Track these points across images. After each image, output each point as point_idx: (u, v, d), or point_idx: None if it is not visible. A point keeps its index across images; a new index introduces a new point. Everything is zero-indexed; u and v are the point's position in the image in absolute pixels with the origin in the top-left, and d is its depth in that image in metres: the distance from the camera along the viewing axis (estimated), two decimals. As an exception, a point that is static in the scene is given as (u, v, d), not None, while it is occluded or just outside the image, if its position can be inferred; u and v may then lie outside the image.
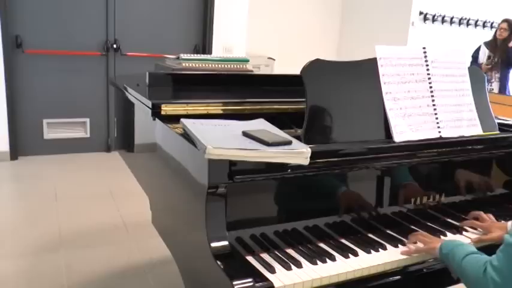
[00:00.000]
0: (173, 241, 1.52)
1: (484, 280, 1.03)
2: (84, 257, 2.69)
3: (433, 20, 5.80)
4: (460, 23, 6.02)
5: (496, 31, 5.17)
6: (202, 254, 1.15)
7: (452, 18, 5.94)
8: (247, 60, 2.06)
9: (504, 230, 1.38)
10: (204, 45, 4.96)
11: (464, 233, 1.45)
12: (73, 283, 2.41)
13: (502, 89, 5.01)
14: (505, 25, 4.99)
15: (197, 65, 2.02)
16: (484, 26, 5.94)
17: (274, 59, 5.12)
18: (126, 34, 4.65)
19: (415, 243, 1.32)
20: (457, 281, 1.35)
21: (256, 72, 2.52)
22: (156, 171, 1.67)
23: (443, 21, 5.87)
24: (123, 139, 2.26)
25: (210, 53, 4.82)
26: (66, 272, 2.50)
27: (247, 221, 1.23)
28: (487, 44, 5.22)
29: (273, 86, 1.98)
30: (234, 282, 1.03)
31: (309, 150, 1.12)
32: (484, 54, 5.19)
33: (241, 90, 1.95)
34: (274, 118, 1.49)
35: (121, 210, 3.39)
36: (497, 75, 5.04)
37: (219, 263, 1.10)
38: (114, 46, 4.61)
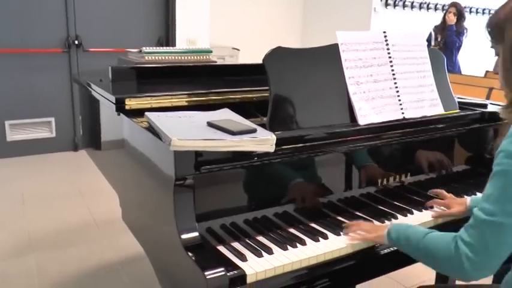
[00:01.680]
0: (144, 236, 1.50)
1: (456, 257, 1.02)
2: (55, 258, 2.64)
3: (395, 5, 5.90)
4: (420, 8, 6.16)
5: (444, 15, 5.37)
6: (173, 247, 1.15)
7: (412, 3, 6.07)
8: (211, 51, 2.05)
9: (463, 205, 1.42)
10: (167, 37, 4.90)
11: (428, 209, 1.48)
12: (45, 285, 2.37)
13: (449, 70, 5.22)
14: (453, 9, 5.19)
15: (160, 58, 2.00)
16: (443, 9, 6.08)
17: (238, 50, 5.11)
18: (88, 29, 4.54)
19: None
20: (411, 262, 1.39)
21: (221, 63, 2.52)
22: (124, 167, 1.65)
23: (404, 6, 5.98)
24: (90, 137, 2.22)
25: (174, 45, 4.76)
26: (37, 275, 2.46)
27: (217, 211, 1.23)
28: (436, 27, 5.43)
29: (237, 76, 1.97)
30: (206, 273, 1.03)
31: (274, 137, 1.12)
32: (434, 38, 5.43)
33: (206, 81, 1.93)
34: (240, 107, 1.49)
35: (91, 208, 3.33)
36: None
37: (190, 254, 1.09)
38: (76, 42, 4.50)
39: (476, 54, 5.93)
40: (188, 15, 4.82)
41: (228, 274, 1.05)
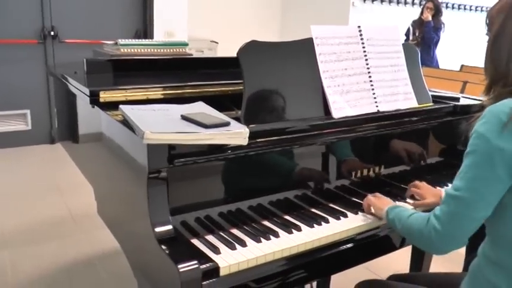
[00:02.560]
0: (119, 230, 1.50)
1: (426, 229, 1.09)
2: (30, 254, 2.61)
3: (373, 0, 5.95)
4: (398, 2, 6.24)
5: (422, 9, 5.45)
6: (147, 241, 1.14)
7: None
8: (187, 44, 2.03)
9: (437, 197, 1.45)
10: (145, 30, 4.85)
11: (408, 203, 1.51)
12: (19, 282, 2.33)
13: (424, 65, 5.32)
14: (430, 5, 5.29)
15: (136, 50, 1.98)
16: (420, 4, 6.16)
17: (217, 42, 5.09)
18: (64, 20, 4.46)
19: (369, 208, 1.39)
20: (390, 250, 1.42)
21: (199, 55, 2.51)
22: (100, 160, 1.64)
23: (382, 0, 6.05)
24: (66, 130, 2.19)
25: (152, 38, 4.72)
26: (11, 272, 2.42)
27: (191, 204, 1.23)
28: (414, 22, 5.51)
29: (213, 69, 1.97)
30: (179, 266, 1.03)
31: (247, 130, 1.13)
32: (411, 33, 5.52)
33: (182, 74, 1.92)
34: (216, 100, 1.49)
35: (68, 203, 3.29)
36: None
37: (163, 247, 1.09)
38: (52, 33, 4.42)
39: (453, 48, 6.03)
40: (166, 8, 4.77)
41: (201, 267, 1.05)
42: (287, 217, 1.33)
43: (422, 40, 5.34)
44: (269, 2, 6.38)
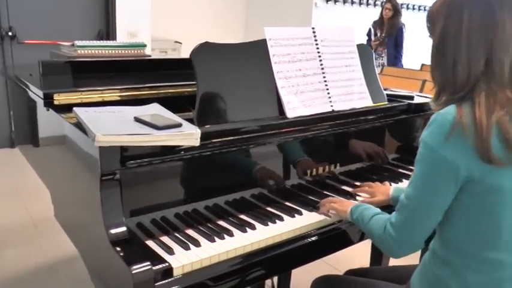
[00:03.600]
0: (75, 233, 1.48)
1: (384, 236, 1.12)
2: (-11, 260, 2.54)
3: (335, 1, 6.06)
4: (360, 3, 6.38)
5: (382, 10, 5.59)
6: (101, 243, 1.14)
7: None
8: (145, 45, 2.03)
9: (386, 195, 1.49)
10: (108, 30, 4.78)
11: (357, 198, 1.55)
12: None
13: (390, 64, 5.42)
14: (389, 5, 5.43)
15: (93, 52, 1.95)
16: (381, 5, 6.30)
17: (181, 43, 5.06)
18: (23, 20, 4.34)
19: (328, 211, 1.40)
20: (348, 244, 1.46)
21: (163, 56, 2.50)
22: (56, 163, 1.62)
23: (344, 1, 6.17)
24: (28, 133, 2.14)
25: (114, 38, 4.66)
26: (-32, 278, 2.36)
27: (147, 205, 1.23)
28: (375, 22, 5.64)
29: (171, 70, 1.97)
30: (132, 267, 1.03)
31: (199, 131, 1.14)
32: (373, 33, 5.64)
33: (139, 75, 1.92)
34: (174, 102, 1.50)
35: (29, 207, 3.22)
36: (386, 50, 5.46)
37: (118, 249, 1.09)
38: (10, 34, 4.30)
39: (415, 48, 6.18)
40: (129, 8, 4.71)
41: (153, 268, 1.05)
42: (242, 216, 1.35)
43: (389, 41, 5.43)
44: (233, 3, 6.39)
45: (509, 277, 1.03)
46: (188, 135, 1.13)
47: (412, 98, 1.95)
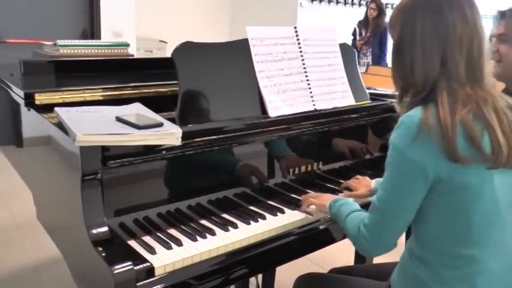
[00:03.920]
0: (58, 234, 1.47)
1: (358, 236, 1.14)
2: (-30, 263, 2.51)
3: (320, 1, 6.09)
4: (345, 3, 6.42)
5: (366, 10, 5.63)
6: (83, 243, 1.13)
7: None
8: (128, 45, 2.02)
9: (368, 187, 1.51)
10: (92, 29, 4.74)
11: (340, 194, 1.55)
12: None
13: (374, 63, 5.46)
14: (373, 5, 5.46)
15: (75, 51, 1.94)
16: (366, 5, 6.35)
17: (166, 42, 5.04)
18: (6, 19, 4.29)
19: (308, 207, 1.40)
20: (331, 242, 1.47)
21: (148, 56, 2.49)
22: (38, 164, 1.61)
23: (329, 1, 6.22)
24: (11, 134, 2.12)
25: (99, 37, 4.62)
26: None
27: (129, 205, 1.23)
28: (359, 22, 5.68)
29: (154, 70, 1.96)
30: (113, 268, 1.03)
31: (180, 130, 1.14)
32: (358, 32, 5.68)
33: (122, 75, 1.91)
34: (157, 101, 1.49)
35: (12, 209, 3.18)
36: (371, 49, 5.50)
37: (99, 249, 1.09)
38: (-8, 33, 4.26)
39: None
40: (113, 7, 4.68)
41: (135, 268, 1.05)
42: (225, 215, 1.35)
43: (374, 40, 5.46)
44: (219, 2, 6.39)
45: (482, 271, 1.05)
46: (169, 134, 1.13)
47: (395, 96, 1.96)
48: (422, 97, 1.06)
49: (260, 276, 1.94)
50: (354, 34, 5.59)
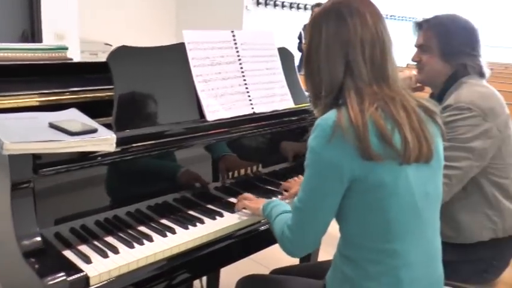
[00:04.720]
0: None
1: (283, 238, 1.17)
2: None
3: (266, 4, 6.17)
4: (291, 7, 6.55)
5: (311, 14, 5.75)
6: (14, 255, 1.10)
7: (283, 3, 6.50)
8: (66, 48, 1.96)
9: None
10: (33, 31, 4.56)
11: (278, 196, 1.59)
12: None
13: None
14: (317, 9, 5.59)
15: (9, 55, 1.87)
16: (311, 9, 6.49)
17: (111, 45, 4.93)
18: None
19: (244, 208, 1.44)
20: (272, 243, 1.49)
21: (93, 59, 2.41)
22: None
23: (275, 5, 6.32)
24: None
25: (40, 39, 4.45)
26: None
27: (64, 214, 1.21)
28: (305, 26, 5.80)
29: (92, 74, 1.92)
30: (45, 280, 1.01)
31: (114, 136, 1.13)
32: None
33: (60, 80, 1.86)
34: (96, 106, 1.47)
35: None
36: None
37: (30, 260, 1.06)
38: None
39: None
40: (55, 7, 4.51)
41: (68, 278, 1.04)
42: (163, 221, 1.35)
43: None
44: (164, 4, 6.33)
45: (403, 264, 1.10)
46: (103, 140, 1.12)
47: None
48: (332, 98, 1.12)
49: (204, 278, 1.95)
50: (300, 37, 5.70)
